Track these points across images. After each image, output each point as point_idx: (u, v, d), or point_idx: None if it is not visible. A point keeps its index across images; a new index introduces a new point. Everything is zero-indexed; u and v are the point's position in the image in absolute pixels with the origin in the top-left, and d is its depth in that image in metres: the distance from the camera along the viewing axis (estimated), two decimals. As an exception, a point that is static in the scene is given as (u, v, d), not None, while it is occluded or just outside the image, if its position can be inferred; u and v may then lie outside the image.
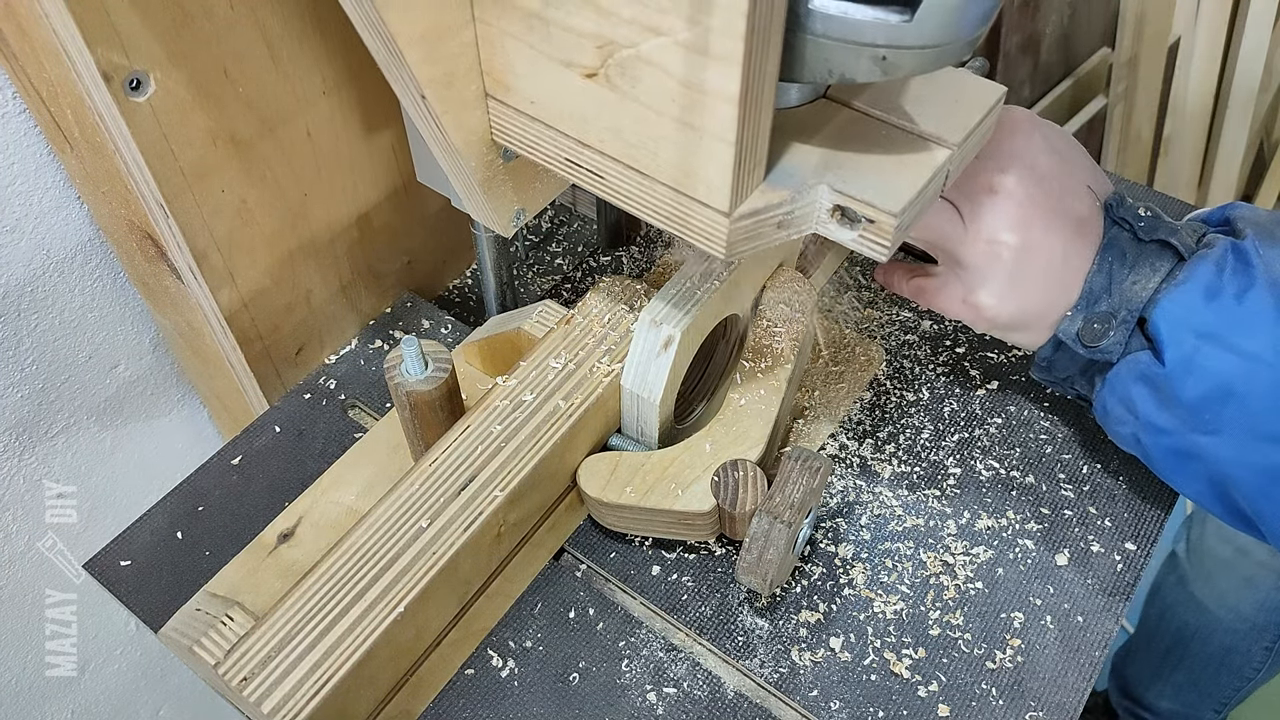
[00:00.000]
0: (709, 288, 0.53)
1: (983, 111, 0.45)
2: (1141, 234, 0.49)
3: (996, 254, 0.49)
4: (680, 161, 0.41)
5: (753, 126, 0.39)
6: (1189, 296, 0.47)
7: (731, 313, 0.57)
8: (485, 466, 0.50)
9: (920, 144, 0.44)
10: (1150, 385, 0.48)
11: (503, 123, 0.47)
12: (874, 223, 0.42)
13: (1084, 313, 0.49)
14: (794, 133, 0.45)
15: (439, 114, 0.44)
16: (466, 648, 0.53)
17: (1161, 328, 0.47)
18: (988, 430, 0.62)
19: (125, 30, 0.45)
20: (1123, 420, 0.51)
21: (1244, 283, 0.46)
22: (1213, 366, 0.46)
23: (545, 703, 0.51)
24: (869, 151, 0.44)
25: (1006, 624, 0.53)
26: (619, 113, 0.41)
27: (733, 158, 0.39)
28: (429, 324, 0.68)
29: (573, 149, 0.45)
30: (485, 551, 0.51)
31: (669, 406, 0.55)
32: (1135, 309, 0.48)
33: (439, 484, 0.50)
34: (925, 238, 0.52)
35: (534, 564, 0.55)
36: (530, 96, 0.44)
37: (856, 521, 0.58)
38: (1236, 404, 0.46)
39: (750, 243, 0.43)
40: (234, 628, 0.47)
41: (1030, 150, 0.50)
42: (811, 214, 0.44)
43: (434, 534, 0.48)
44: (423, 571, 0.47)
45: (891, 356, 0.66)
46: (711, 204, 0.41)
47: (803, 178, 0.43)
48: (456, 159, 0.47)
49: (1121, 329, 0.49)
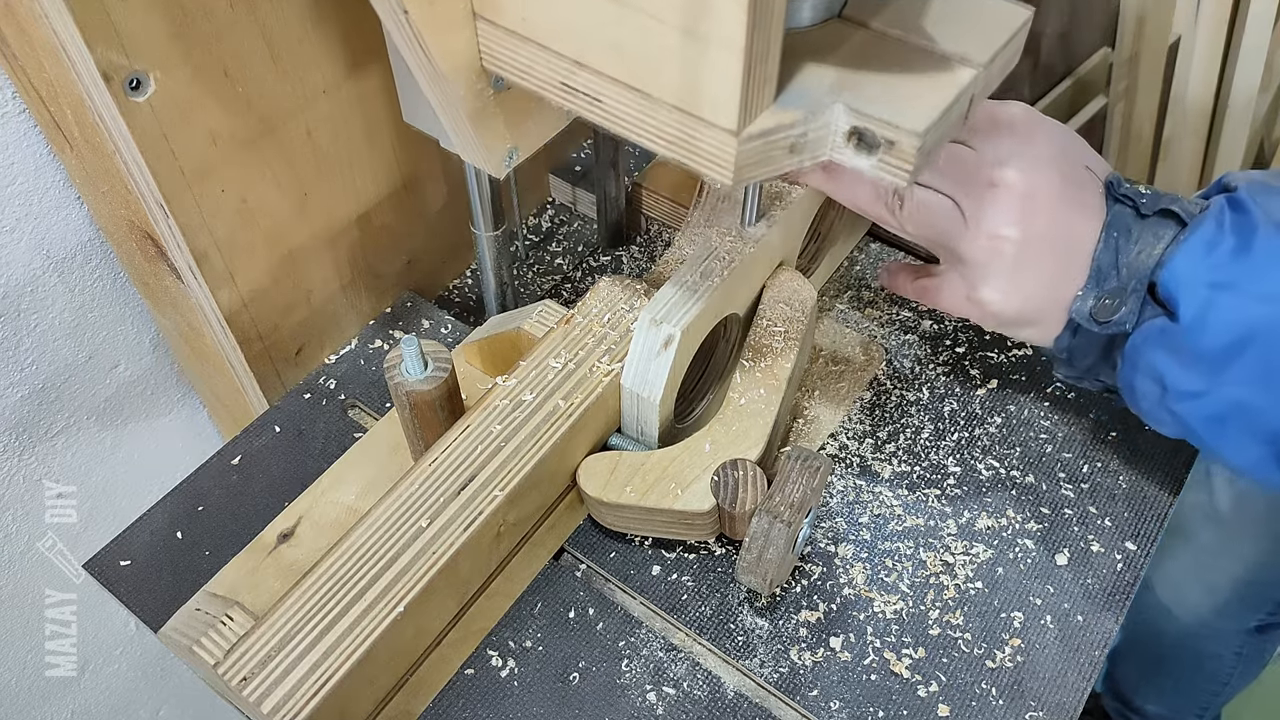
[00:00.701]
0: (709, 286, 0.53)
1: (1009, 33, 0.43)
2: (1144, 209, 0.48)
3: (998, 249, 0.49)
4: (685, 77, 0.38)
5: (763, 35, 0.36)
6: (1194, 251, 0.46)
7: (731, 312, 0.57)
8: (485, 466, 0.50)
9: (944, 63, 0.42)
10: (1170, 348, 0.47)
11: (493, 46, 0.44)
12: (894, 145, 0.39)
13: (1095, 290, 0.48)
14: (807, 54, 0.42)
15: (422, 33, 0.42)
16: (466, 648, 0.53)
17: (1171, 286, 0.46)
18: (988, 430, 0.62)
19: (125, 30, 0.45)
20: (1151, 396, 0.49)
21: (1246, 230, 0.45)
22: (1230, 315, 0.45)
23: (545, 703, 0.51)
24: (888, 71, 0.41)
25: (1006, 624, 0.53)
26: (619, 25, 0.39)
27: (741, 69, 0.36)
28: (429, 324, 0.68)
29: (568, 71, 0.42)
30: (485, 551, 0.51)
31: (669, 406, 0.55)
32: (1144, 277, 0.47)
33: (439, 484, 0.50)
34: (926, 235, 0.52)
35: (534, 564, 0.55)
36: (522, 13, 0.42)
37: (856, 521, 0.58)
38: (1262, 348, 0.44)
39: (760, 168, 0.41)
40: (234, 628, 0.47)
41: (1029, 143, 0.50)
42: (826, 138, 0.41)
43: (434, 534, 0.48)
44: (423, 571, 0.47)
45: (891, 356, 0.66)
46: (719, 123, 0.39)
47: (817, 98, 0.40)
48: (444, 87, 0.45)
49: (1133, 298, 0.48)
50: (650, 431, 0.56)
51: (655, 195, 0.72)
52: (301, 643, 0.44)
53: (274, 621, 0.45)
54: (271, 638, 0.45)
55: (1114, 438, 0.61)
